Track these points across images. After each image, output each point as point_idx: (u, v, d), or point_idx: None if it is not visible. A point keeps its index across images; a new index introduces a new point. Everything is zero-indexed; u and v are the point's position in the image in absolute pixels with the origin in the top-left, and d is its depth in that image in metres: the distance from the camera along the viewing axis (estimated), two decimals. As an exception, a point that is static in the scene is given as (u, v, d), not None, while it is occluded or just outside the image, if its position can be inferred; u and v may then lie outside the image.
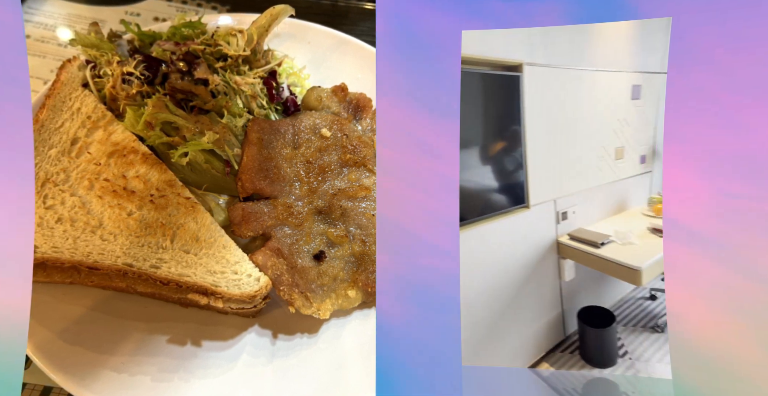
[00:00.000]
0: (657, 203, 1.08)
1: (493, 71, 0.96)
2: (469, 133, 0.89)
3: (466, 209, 0.88)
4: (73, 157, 1.13)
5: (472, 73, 0.90)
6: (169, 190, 1.11)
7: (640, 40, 0.98)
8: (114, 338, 1.01)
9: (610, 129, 1.05)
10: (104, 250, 1.02)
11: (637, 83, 1.05)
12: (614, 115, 1.05)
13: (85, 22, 1.65)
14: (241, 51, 1.25)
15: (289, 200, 1.12)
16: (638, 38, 0.98)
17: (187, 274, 1.01)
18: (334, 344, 1.05)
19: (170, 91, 1.16)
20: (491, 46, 0.90)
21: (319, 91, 1.24)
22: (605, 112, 1.04)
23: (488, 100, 1.06)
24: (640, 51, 1.00)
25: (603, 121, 1.04)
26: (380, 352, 0.85)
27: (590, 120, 1.03)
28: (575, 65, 0.98)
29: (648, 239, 1.04)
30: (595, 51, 0.94)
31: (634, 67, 1.04)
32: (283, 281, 1.04)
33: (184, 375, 0.99)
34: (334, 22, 1.61)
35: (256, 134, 1.15)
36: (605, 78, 1.02)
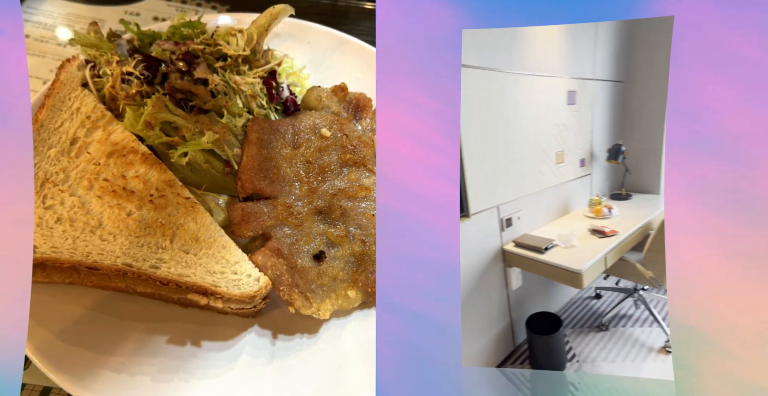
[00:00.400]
0: (596, 204, 1.09)
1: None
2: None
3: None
4: (73, 157, 1.13)
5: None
6: (169, 190, 1.11)
7: (572, 46, 0.99)
8: (113, 338, 1.01)
9: (549, 133, 1.05)
10: (104, 250, 1.02)
11: (572, 89, 1.06)
12: (552, 120, 1.05)
13: (84, 22, 1.64)
14: (241, 51, 1.25)
15: (289, 200, 1.11)
16: (569, 44, 0.99)
17: (187, 275, 1.01)
18: (334, 344, 1.05)
19: (170, 91, 1.16)
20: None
21: (319, 90, 1.24)
22: (543, 116, 1.04)
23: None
24: (572, 57, 1.01)
25: (542, 125, 1.04)
26: (380, 353, 0.85)
27: (529, 125, 1.03)
28: (509, 68, 0.97)
29: (588, 241, 1.05)
30: (528, 55, 0.94)
31: (568, 72, 1.05)
32: (283, 281, 1.04)
33: (184, 375, 0.99)
34: (334, 21, 1.60)
35: (256, 134, 1.15)
36: (541, 83, 1.01)
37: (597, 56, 1.01)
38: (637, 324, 1.03)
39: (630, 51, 1.00)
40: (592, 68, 1.04)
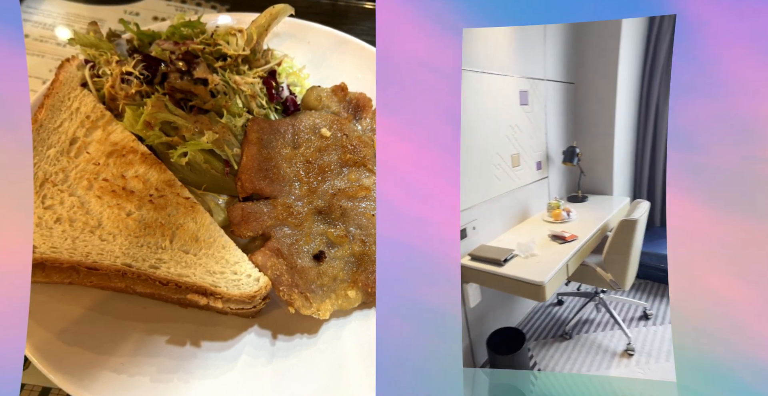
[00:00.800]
0: (555, 208, 1.07)
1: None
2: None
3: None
4: (72, 157, 1.13)
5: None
6: (169, 190, 1.11)
7: (522, 46, 0.96)
8: (113, 339, 1.01)
9: (504, 135, 1.02)
10: (103, 251, 1.02)
11: (524, 89, 1.03)
12: (506, 121, 1.01)
13: (84, 22, 1.64)
14: (241, 50, 1.25)
15: (289, 200, 1.11)
16: (519, 44, 0.96)
17: (187, 275, 1.01)
18: (334, 345, 1.05)
19: (169, 91, 1.16)
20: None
21: (319, 90, 1.24)
22: (496, 117, 1.00)
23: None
24: (522, 57, 0.98)
25: (495, 127, 0.99)
26: (380, 353, 0.85)
27: (482, 126, 0.97)
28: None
29: (549, 248, 1.02)
30: (477, 53, 0.90)
31: (519, 71, 1.02)
32: (283, 281, 1.04)
33: (184, 376, 0.98)
34: (334, 21, 1.60)
35: (256, 134, 1.14)
36: (492, 82, 0.97)
37: (547, 57, 0.99)
38: (599, 328, 1.02)
39: (579, 53, 0.98)
40: (543, 69, 1.01)
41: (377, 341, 0.85)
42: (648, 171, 1.00)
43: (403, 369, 0.84)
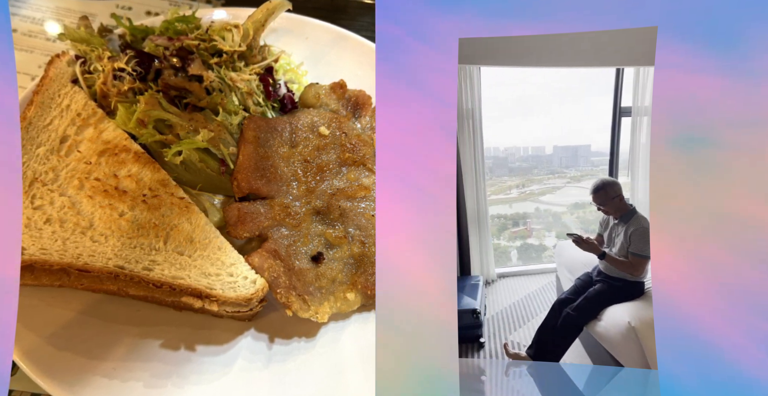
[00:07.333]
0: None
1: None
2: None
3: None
4: (63, 156, 1.12)
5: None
6: (163, 189, 1.09)
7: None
8: (105, 343, 0.99)
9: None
10: (95, 252, 1.00)
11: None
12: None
13: (74, 16, 1.62)
14: (237, 46, 1.24)
15: (287, 200, 1.10)
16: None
17: (181, 277, 0.99)
18: (332, 348, 1.04)
19: (163, 88, 1.15)
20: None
21: (317, 88, 1.23)
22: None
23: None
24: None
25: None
26: (380, 357, 0.84)
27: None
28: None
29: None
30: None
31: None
32: (280, 284, 1.02)
33: (178, 381, 0.97)
34: (333, 16, 1.60)
35: (252, 132, 1.13)
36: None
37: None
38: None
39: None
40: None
41: (377, 344, 0.84)
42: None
43: (402, 373, 0.84)
